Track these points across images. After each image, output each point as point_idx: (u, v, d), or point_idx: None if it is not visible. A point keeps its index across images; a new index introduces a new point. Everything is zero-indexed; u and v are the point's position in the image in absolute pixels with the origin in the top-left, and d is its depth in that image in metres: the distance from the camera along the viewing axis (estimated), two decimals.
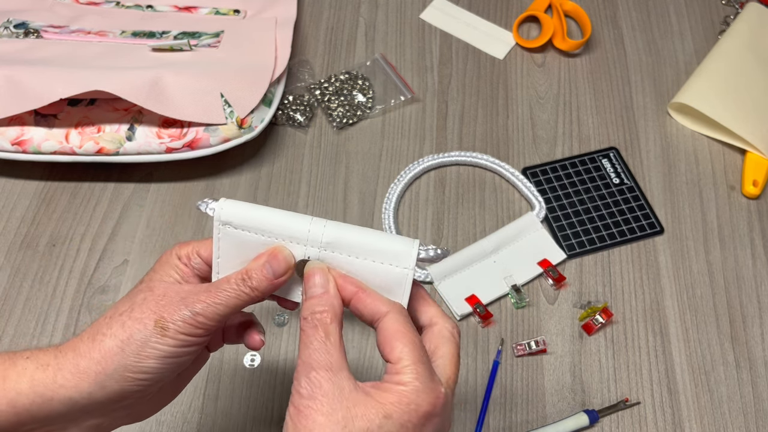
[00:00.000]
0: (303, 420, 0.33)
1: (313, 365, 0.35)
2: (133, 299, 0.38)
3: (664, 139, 0.73)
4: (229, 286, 0.38)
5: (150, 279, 0.39)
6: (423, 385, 0.35)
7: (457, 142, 0.71)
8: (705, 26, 0.81)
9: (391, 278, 0.38)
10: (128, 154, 0.64)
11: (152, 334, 0.36)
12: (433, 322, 0.39)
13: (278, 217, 0.39)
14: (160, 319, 0.36)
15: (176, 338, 0.36)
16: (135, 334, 0.36)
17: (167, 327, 0.36)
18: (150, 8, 0.76)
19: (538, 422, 0.56)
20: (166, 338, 0.36)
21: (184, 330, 0.37)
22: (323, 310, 0.37)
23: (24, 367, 0.36)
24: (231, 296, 0.38)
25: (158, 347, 0.36)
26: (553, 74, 0.77)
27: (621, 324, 0.61)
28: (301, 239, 0.39)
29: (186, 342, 0.37)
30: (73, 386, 0.36)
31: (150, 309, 0.37)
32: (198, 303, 0.37)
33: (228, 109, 0.64)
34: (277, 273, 0.38)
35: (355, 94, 0.73)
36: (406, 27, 0.80)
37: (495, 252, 0.64)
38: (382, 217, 0.66)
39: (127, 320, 0.37)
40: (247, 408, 0.56)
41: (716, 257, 0.65)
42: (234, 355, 0.58)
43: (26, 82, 0.63)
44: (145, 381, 0.37)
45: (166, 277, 0.39)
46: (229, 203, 0.39)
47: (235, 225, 0.39)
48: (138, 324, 0.36)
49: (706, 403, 0.57)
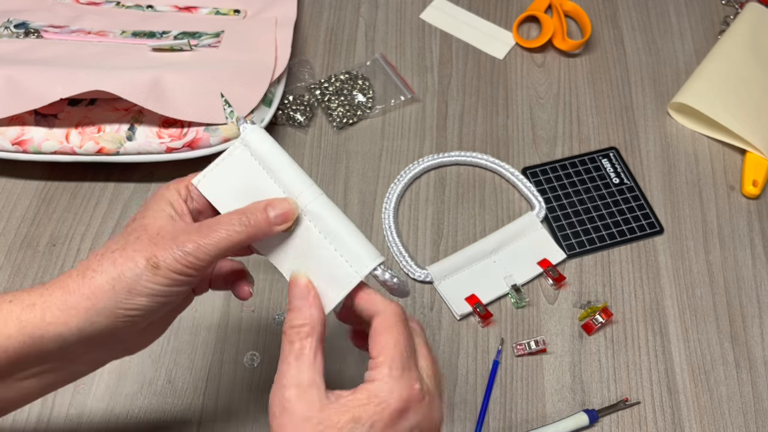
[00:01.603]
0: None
1: (284, 383, 0.35)
2: (126, 238, 0.38)
3: (664, 139, 0.73)
4: (222, 227, 0.38)
5: (143, 216, 0.39)
6: (394, 380, 0.35)
7: (457, 142, 0.71)
8: (705, 26, 0.81)
9: (340, 272, 0.39)
10: (128, 153, 0.64)
11: (144, 272, 0.36)
12: (378, 310, 0.38)
13: (287, 166, 0.40)
14: (152, 257, 0.37)
15: (168, 277, 0.37)
16: (126, 272, 0.36)
17: (159, 265, 0.37)
18: (150, 8, 0.76)
19: (538, 422, 0.56)
20: (157, 276, 0.37)
21: (175, 269, 0.37)
22: (302, 324, 0.37)
23: (9, 310, 0.36)
24: (222, 237, 0.38)
25: (149, 285, 0.37)
26: (553, 74, 0.77)
27: (621, 324, 0.61)
28: (293, 194, 0.40)
29: (177, 281, 0.37)
30: (63, 323, 0.36)
31: (143, 247, 0.37)
32: (190, 242, 0.37)
33: (228, 109, 0.64)
34: (283, 219, 0.39)
35: (355, 94, 0.73)
36: (406, 27, 0.80)
37: (495, 252, 0.64)
38: (382, 217, 0.66)
39: (119, 258, 0.37)
40: (247, 408, 0.56)
41: (716, 257, 0.65)
42: (234, 355, 0.58)
43: (26, 82, 0.63)
44: (135, 317, 0.37)
45: (160, 212, 0.39)
46: (259, 131, 0.41)
47: (252, 151, 0.41)
48: (130, 262, 0.36)
49: (705, 403, 0.57)
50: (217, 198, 0.41)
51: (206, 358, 0.58)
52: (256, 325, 0.60)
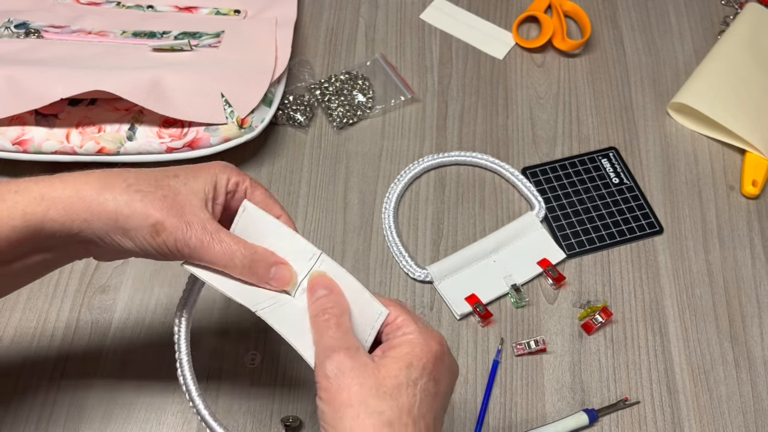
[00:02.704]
0: (339, 396, 0.36)
1: (333, 348, 0.37)
2: (156, 188, 0.40)
3: (663, 139, 0.73)
4: (225, 252, 0.40)
5: (185, 180, 0.41)
6: (425, 328, 0.39)
7: (457, 142, 0.71)
8: (704, 26, 0.81)
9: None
10: (129, 153, 0.64)
11: (146, 230, 0.39)
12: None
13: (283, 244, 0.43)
14: (159, 223, 0.39)
15: (159, 247, 0.39)
16: (132, 220, 0.39)
17: (159, 234, 0.39)
18: (150, 8, 0.76)
19: (538, 421, 0.56)
20: (153, 240, 0.39)
21: (170, 248, 0.39)
22: (332, 306, 0.40)
23: (15, 201, 0.38)
24: (219, 259, 0.40)
25: (142, 241, 0.39)
26: (553, 74, 0.77)
27: (620, 323, 0.61)
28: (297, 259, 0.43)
29: (163, 254, 0.40)
30: (61, 223, 0.39)
31: (161, 208, 0.39)
32: (196, 239, 0.39)
33: (228, 109, 0.65)
34: (278, 282, 0.42)
35: (355, 94, 0.73)
36: (406, 27, 0.80)
37: (495, 252, 0.64)
38: (382, 217, 0.66)
39: (137, 203, 0.39)
40: (248, 407, 0.56)
41: (715, 257, 0.65)
42: (234, 355, 0.58)
43: (27, 82, 0.63)
44: (115, 247, 0.40)
45: (200, 190, 0.41)
46: (250, 208, 0.43)
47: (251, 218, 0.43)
48: (141, 213, 0.39)
49: (705, 403, 0.57)
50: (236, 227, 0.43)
51: (206, 358, 0.58)
52: (256, 325, 0.60)
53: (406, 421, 0.35)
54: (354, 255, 0.64)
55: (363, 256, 0.64)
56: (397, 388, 0.36)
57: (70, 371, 0.57)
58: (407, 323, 0.39)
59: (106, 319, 0.59)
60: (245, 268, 0.41)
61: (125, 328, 0.59)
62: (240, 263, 0.40)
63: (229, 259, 0.40)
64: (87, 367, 0.57)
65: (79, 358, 0.57)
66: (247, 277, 0.41)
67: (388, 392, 0.36)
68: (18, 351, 0.58)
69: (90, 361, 0.57)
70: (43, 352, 0.57)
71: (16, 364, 0.57)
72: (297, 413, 0.55)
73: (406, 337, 0.38)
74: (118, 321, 0.59)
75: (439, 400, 0.38)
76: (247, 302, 0.41)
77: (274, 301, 0.41)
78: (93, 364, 0.57)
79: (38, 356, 0.57)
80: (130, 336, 0.59)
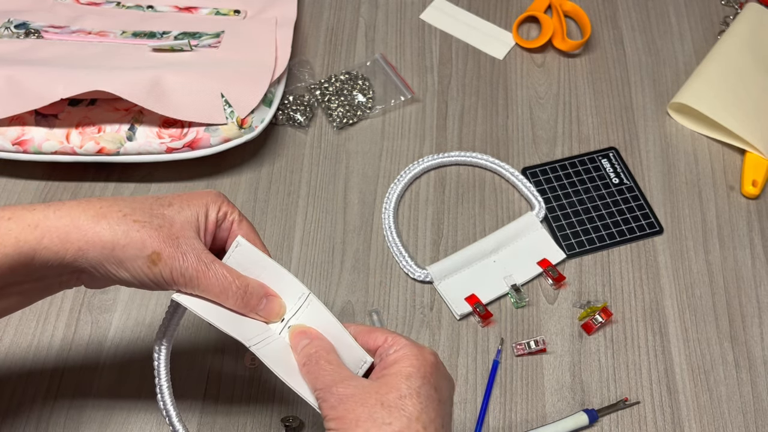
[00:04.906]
0: (347, 418, 0.36)
1: (334, 382, 0.38)
2: (152, 217, 0.40)
3: (663, 139, 0.73)
4: (220, 284, 0.41)
5: (179, 209, 0.41)
6: (415, 344, 0.40)
7: (457, 142, 0.71)
8: (704, 26, 0.81)
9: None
10: (129, 154, 0.64)
11: (142, 260, 0.39)
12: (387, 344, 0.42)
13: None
14: (156, 253, 0.39)
15: (155, 277, 0.40)
16: (129, 250, 0.39)
17: (156, 264, 0.39)
18: (150, 8, 0.76)
19: (538, 421, 0.56)
20: (149, 270, 0.39)
21: (165, 278, 0.40)
22: (316, 350, 0.41)
23: (8, 228, 0.38)
24: (213, 289, 0.41)
25: (137, 271, 0.39)
26: (553, 74, 0.77)
27: (620, 324, 0.61)
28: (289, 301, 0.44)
29: (158, 284, 0.40)
30: (54, 252, 0.39)
31: (157, 238, 0.39)
32: (192, 269, 0.40)
33: (228, 109, 0.65)
34: (267, 313, 0.43)
35: (355, 94, 0.73)
36: (406, 27, 0.80)
37: (495, 252, 0.64)
38: (382, 217, 0.66)
39: (134, 233, 0.39)
40: (247, 408, 0.56)
41: (715, 257, 0.65)
42: (234, 355, 0.58)
43: (27, 82, 0.63)
44: (107, 277, 0.41)
45: (193, 219, 0.42)
46: (244, 244, 0.43)
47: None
48: (138, 244, 0.39)
49: (705, 403, 0.57)
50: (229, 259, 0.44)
51: (206, 358, 0.58)
52: None
53: (417, 428, 0.36)
54: (354, 255, 0.64)
55: (363, 256, 0.64)
56: (401, 399, 0.37)
57: (68, 379, 0.57)
58: (397, 340, 0.40)
59: (107, 319, 0.59)
60: (239, 299, 0.41)
61: (125, 328, 0.59)
62: (234, 294, 0.41)
63: (223, 290, 0.41)
64: (85, 371, 0.57)
65: (80, 357, 0.57)
66: (239, 307, 0.42)
67: (393, 405, 0.36)
68: (15, 360, 0.57)
69: (90, 361, 0.57)
70: (41, 360, 0.57)
71: (14, 374, 0.57)
72: (297, 413, 0.55)
73: (400, 352, 0.39)
74: (118, 320, 0.59)
75: (443, 407, 0.39)
76: (239, 336, 0.41)
77: (264, 336, 0.42)
78: (93, 363, 0.57)
79: (35, 365, 0.57)
80: (130, 336, 0.59)
